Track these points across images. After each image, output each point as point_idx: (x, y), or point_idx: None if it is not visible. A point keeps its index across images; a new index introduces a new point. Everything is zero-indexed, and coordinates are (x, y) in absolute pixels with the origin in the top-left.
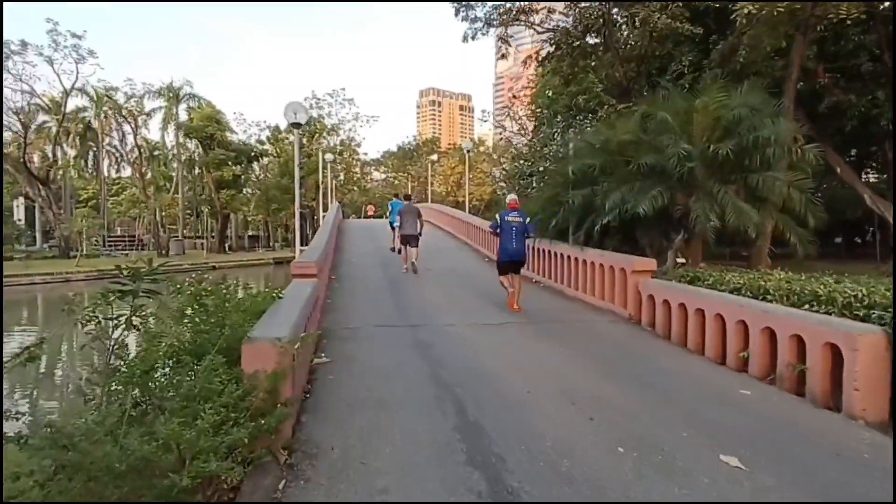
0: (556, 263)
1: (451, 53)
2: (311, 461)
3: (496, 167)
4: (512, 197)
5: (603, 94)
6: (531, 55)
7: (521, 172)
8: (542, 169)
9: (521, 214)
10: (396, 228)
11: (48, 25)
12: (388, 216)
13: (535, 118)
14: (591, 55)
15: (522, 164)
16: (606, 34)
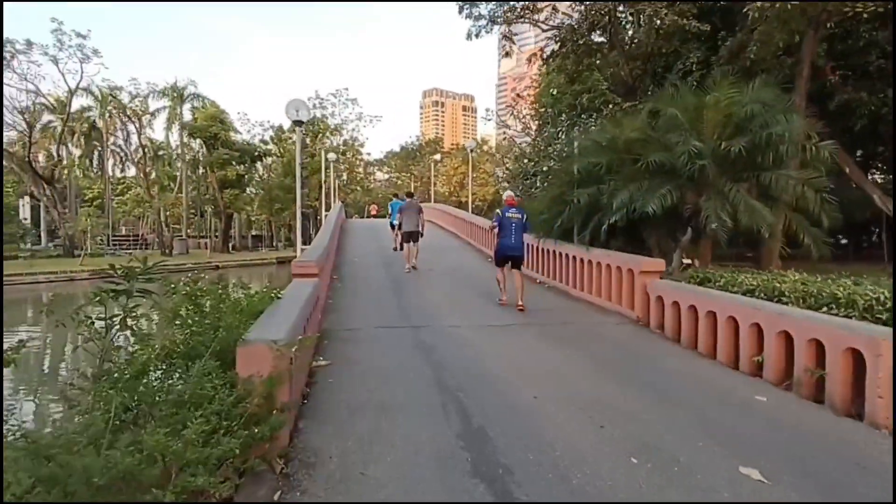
0: (561, 264)
1: (453, 54)
2: (308, 470)
3: (499, 167)
4: (509, 194)
5: (608, 92)
6: (536, 52)
7: (524, 172)
8: (546, 168)
9: (519, 211)
10: (397, 227)
11: (52, 25)
12: (389, 216)
13: (538, 117)
14: (596, 53)
15: (526, 163)
16: (612, 31)
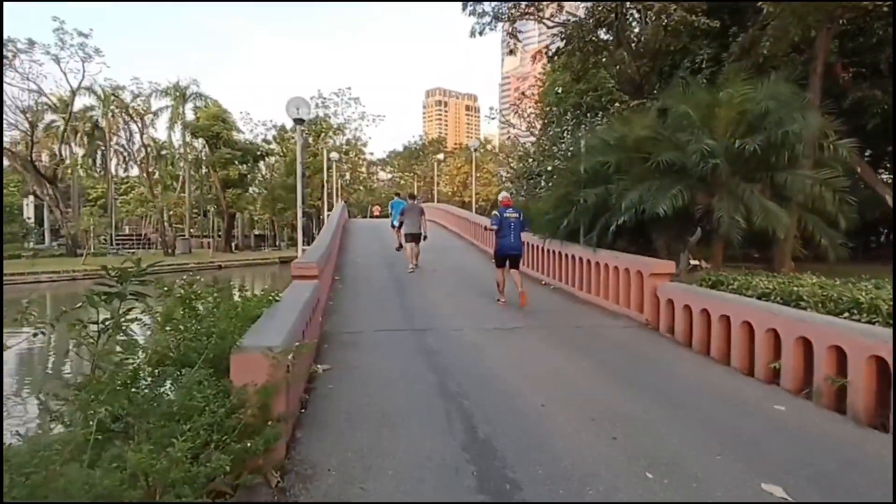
0: (567, 265)
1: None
2: (305, 484)
3: (502, 167)
4: (505, 195)
5: (615, 90)
6: (541, 50)
7: (529, 172)
8: (550, 168)
9: (516, 210)
10: (398, 227)
11: (54, 24)
12: (390, 215)
13: (543, 116)
14: (602, 50)
15: (531, 162)
16: (619, 28)
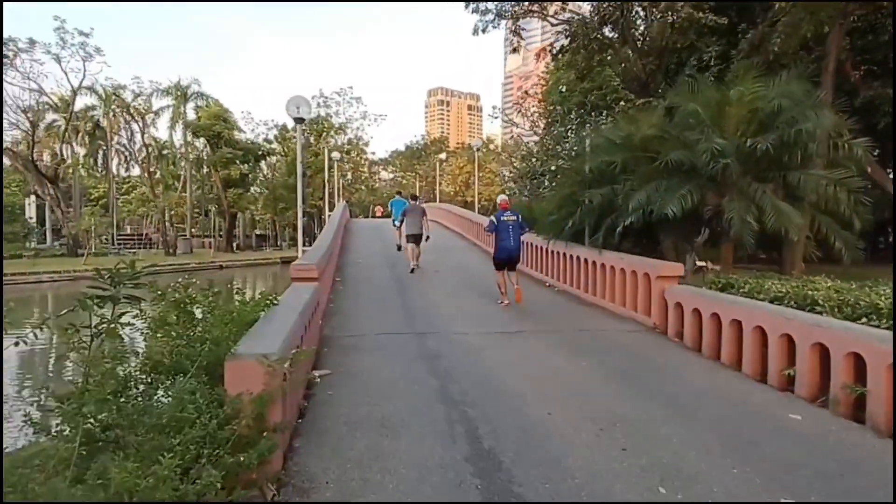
0: (571, 267)
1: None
2: (302, 498)
3: (505, 167)
4: (502, 197)
5: (620, 88)
6: (544, 48)
7: (532, 171)
8: (554, 168)
9: (514, 213)
10: (399, 226)
11: (55, 23)
12: (391, 214)
13: (546, 115)
14: (607, 48)
15: (534, 162)
16: (624, 26)
